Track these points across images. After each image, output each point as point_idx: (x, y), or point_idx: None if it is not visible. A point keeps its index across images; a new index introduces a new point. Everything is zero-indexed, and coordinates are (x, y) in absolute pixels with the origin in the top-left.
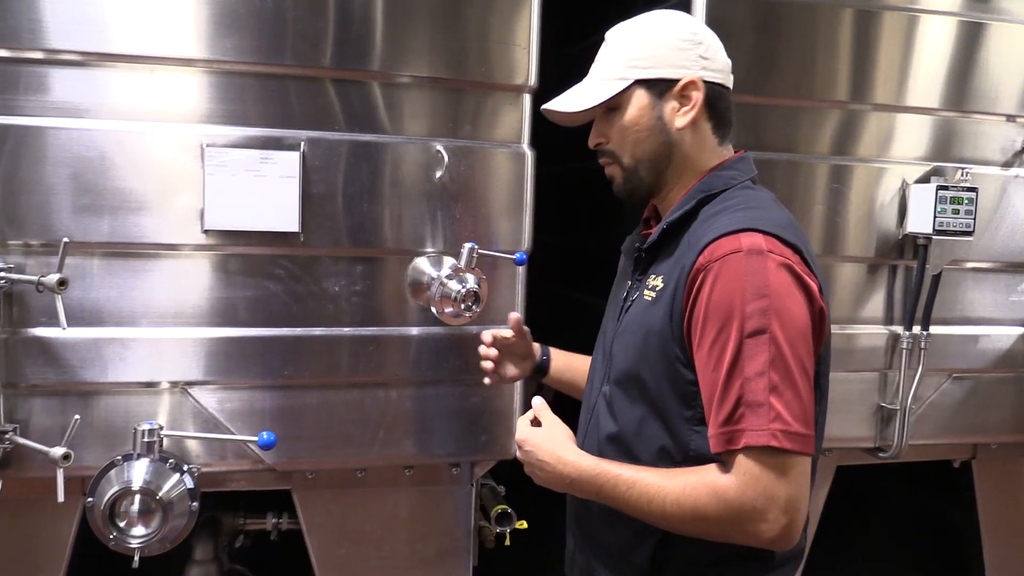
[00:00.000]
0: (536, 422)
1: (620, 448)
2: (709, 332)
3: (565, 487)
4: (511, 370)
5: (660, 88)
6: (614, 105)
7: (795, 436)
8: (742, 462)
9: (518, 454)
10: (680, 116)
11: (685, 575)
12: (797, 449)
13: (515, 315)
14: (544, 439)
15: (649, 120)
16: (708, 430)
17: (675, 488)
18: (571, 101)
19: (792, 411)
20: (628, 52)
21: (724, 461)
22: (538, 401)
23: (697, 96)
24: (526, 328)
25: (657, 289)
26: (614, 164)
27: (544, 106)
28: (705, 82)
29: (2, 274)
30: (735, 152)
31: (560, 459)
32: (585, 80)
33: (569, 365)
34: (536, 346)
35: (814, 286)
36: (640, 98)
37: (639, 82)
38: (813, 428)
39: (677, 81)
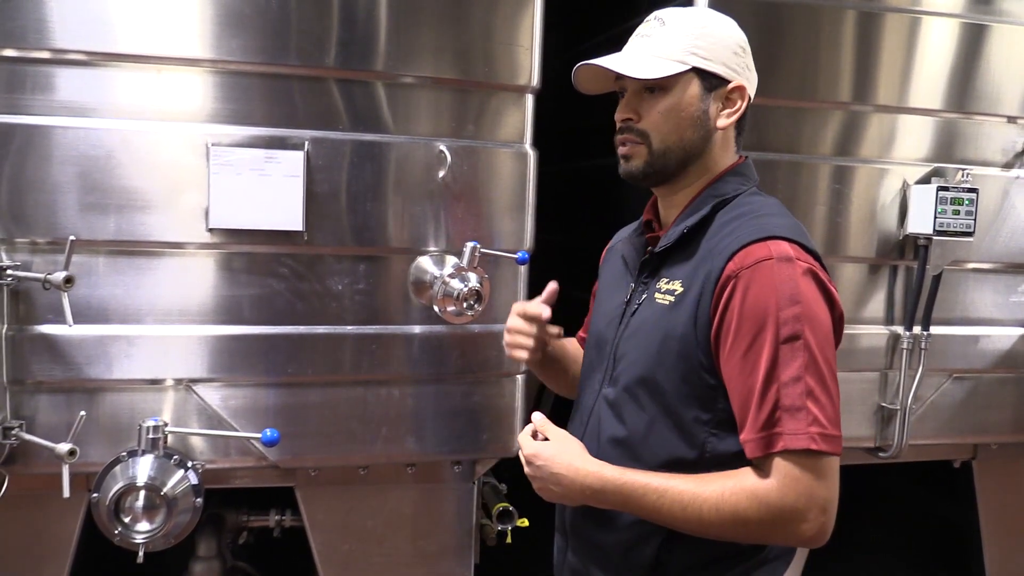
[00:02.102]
0: (538, 437)
1: (625, 452)
2: (743, 338)
3: (584, 499)
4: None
5: (711, 83)
6: (661, 85)
7: (830, 438)
8: (781, 465)
9: (527, 470)
10: (724, 117)
11: (685, 574)
12: (832, 451)
13: (554, 286)
14: (557, 451)
15: (696, 111)
16: (742, 435)
17: (712, 494)
18: (629, 65)
19: (826, 414)
20: (689, 38)
21: (759, 465)
22: (539, 416)
23: (742, 104)
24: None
25: (676, 293)
26: (640, 144)
27: (596, 61)
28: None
29: (9, 272)
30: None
31: (578, 470)
32: (632, 51)
33: (563, 348)
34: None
35: (834, 292)
36: (692, 86)
37: (694, 70)
38: (841, 430)
39: (727, 82)
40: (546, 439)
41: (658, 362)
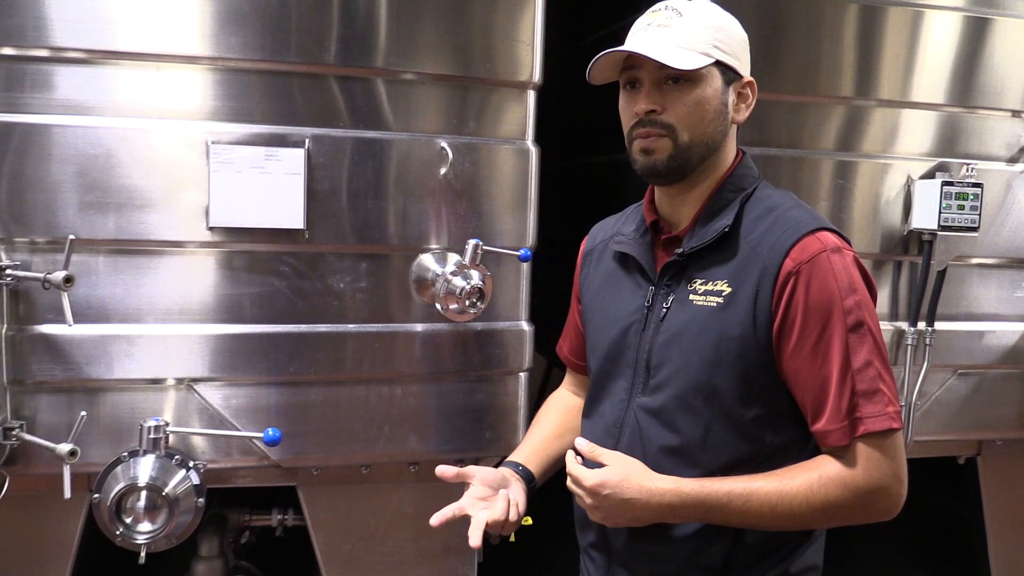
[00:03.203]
0: (590, 464)
1: (680, 460)
2: (810, 331)
3: (659, 518)
4: (500, 511)
5: (729, 77)
6: (688, 77)
7: (899, 415)
8: (863, 448)
9: (589, 501)
10: (741, 111)
11: (752, 567)
12: (901, 426)
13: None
14: (623, 476)
15: (719, 104)
16: (819, 424)
17: (800, 488)
18: (665, 54)
19: (893, 392)
20: (710, 31)
21: (838, 451)
22: (584, 442)
23: (752, 98)
24: (473, 469)
25: (723, 294)
26: (665, 137)
27: (628, 48)
28: None
29: (8, 271)
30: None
31: (652, 492)
32: (655, 40)
33: (546, 454)
34: (505, 471)
35: (870, 274)
36: (715, 79)
37: (717, 63)
38: None
39: (741, 76)
40: (596, 465)
41: (714, 366)
